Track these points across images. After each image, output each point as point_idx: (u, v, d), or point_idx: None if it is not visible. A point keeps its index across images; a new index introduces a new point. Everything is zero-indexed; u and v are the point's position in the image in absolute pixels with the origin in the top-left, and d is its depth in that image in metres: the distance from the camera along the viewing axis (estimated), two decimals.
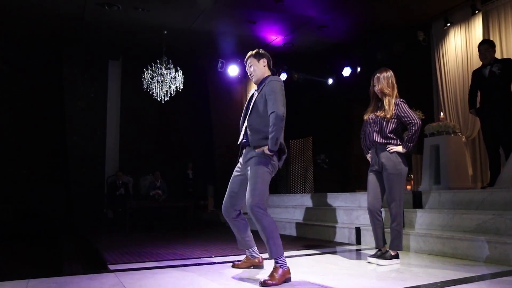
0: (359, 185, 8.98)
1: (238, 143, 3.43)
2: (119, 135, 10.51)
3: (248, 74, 3.48)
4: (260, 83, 3.39)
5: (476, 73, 5.47)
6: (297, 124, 10.80)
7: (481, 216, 4.14)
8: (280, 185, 10.34)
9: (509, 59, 5.49)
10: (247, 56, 3.49)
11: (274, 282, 2.85)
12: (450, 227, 4.38)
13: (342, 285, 2.90)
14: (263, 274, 3.25)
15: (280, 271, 2.94)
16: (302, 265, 3.74)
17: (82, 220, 9.28)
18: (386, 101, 3.73)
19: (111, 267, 3.69)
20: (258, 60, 3.43)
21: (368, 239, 4.91)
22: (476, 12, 7.20)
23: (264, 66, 3.44)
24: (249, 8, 7.83)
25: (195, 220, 9.63)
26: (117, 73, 10.59)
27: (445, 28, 7.80)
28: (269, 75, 3.42)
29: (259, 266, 3.56)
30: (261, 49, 3.54)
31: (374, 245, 3.98)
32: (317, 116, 11.35)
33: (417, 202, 5.10)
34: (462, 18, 7.58)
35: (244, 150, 3.38)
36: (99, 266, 3.87)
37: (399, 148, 3.67)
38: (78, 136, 9.99)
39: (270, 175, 3.18)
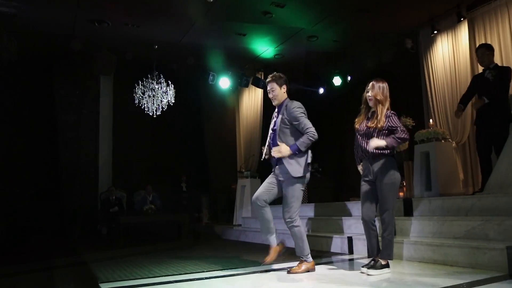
0: (352, 194, 8.84)
1: (263, 159, 4.12)
2: (111, 150, 10.49)
3: (269, 96, 4.03)
4: (280, 106, 3.99)
5: (474, 77, 5.57)
6: None
7: (470, 223, 4.17)
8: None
9: (506, 67, 5.37)
10: (268, 80, 4.01)
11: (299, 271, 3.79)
12: (440, 234, 4.41)
13: None
14: None
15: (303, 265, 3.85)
16: (294, 277, 3.74)
17: (75, 236, 9.24)
18: (378, 109, 3.73)
19: (103, 286, 3.67)
20: (280, 86, 3.99)
21: (360, 248, 4.92)
22: (462, 19, 7.26)
23: (284, 92, 4.00)
24: (238, 21, 7.88)
25: (190, 233, 9.58)
26: (109, 88, 10.59)
27: (432, 35, 7.86)
28: (286, 98, 4.01)
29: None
30: (281, 74, 4.07)
31: (366, 254, 3.99)
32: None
33: (408, 210, 5.14)
34: (449, 25, 7.58)
35: (276, 166, 3.99)
36: (90, 285, 3.86)
37: (381, 142, 3.62)
38: (70, 152, 9.98)
39: (303, 191, 3.93)
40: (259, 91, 10.20)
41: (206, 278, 3.87)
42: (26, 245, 8.33)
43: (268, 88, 4.00)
